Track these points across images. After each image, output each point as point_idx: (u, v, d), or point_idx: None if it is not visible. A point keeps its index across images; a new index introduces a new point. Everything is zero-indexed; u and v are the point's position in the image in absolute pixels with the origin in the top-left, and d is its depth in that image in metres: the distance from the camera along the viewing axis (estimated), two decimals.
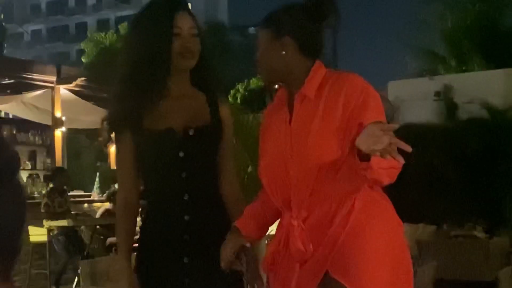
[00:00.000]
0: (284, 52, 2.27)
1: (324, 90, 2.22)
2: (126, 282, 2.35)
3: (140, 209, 2.51)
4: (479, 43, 14.94)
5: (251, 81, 23.04)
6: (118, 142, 2.45)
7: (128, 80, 2.40)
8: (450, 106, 11.95)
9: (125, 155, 2.43)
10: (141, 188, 2.48)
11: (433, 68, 15.65)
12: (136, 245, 2.49)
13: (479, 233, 8.53)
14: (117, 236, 2.47)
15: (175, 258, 2.34)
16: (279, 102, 2.37)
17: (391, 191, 2.28)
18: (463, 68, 15.26)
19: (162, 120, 2.38)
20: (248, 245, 2.31)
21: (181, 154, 2.35)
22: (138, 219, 2.50)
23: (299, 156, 2.20)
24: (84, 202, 11.70)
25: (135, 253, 2.48)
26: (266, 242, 3.68)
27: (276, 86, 2.44)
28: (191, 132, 2.36)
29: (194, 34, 2.39)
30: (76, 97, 11.82)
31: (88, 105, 11.75)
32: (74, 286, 7.85)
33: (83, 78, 12.05)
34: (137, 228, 2.51)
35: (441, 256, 7.05)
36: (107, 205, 10.44)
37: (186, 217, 2.34)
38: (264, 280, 2.32)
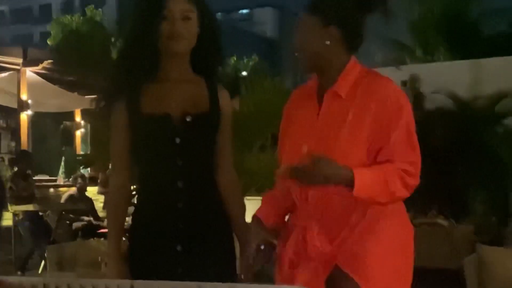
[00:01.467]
0: (328, 42, 2.19)
1: (357, 92, 2.16)
2: (115, 267, 2.32)
3: (132, 194, 2.49)
4: (445, 34, 15.09)
5: None
6: (113, 125, 2.40)
7: (120, 59, 2.41)
8: (416, 96, 12.06)
9: (120, 138, 2.38)
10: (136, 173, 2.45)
11: (400, 58, 15.77)
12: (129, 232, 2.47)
13: (443, 221, 8.66)
14: (108, 220, 2.44)
15: (168, 246, 2.31)
16: (309, 91, 2.29)
17: None
18: (430, 58, 15.41)
19: (159, 105, 2.33)
20: (275, 241, 2.26)
21: (177, 140, 2.31)
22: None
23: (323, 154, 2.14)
24: (49, 186, 11.58)
25: (126, 239, 2.47)
26: None
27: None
28: (188, 119, 2.32)
29: (187, 17, 2.33)
30: (43, 80, 11.66)
31: (55, 88, 11.60)
32: (40, 271, 7.78)
33: (50, 61, 11.89)
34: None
35: None
36: (73, 189, 10.34)
37: (179, 205, 2.31)
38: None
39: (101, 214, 10.74)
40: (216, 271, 2.23)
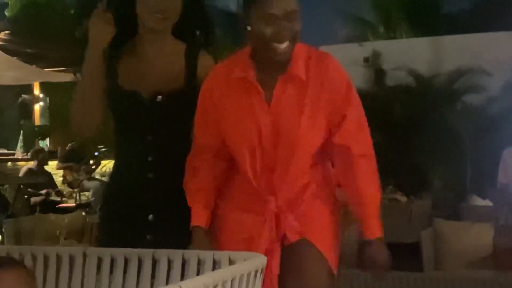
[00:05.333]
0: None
1: (308, 72, 2.13)
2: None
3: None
4: (407, 11, 15.20)
5: None
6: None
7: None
8: (378, 73, 12.16)
9: (98, 82, 2.30)
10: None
11: (363, 35, 15.84)
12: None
13: (401, 197, 8.78)
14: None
15: (139, 215, 2.28)
16: (245, 78, 2.16)
17: None
18: (392, 35, 15.52)
19: (134, 81, 2.29)
20: None
21: (147, 119, 2.28)
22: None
23: (287, 141, 2.13)
24: (7, 160, 11.41)
25: (100, 207, 2.44)
26: None
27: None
28: (158, 99, 2.27)
29: None
30: (0, 51, 11.42)
31: (13, 60, 11.37)
32: None
33: (7, 32, 11.65)
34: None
35: None
36: (31, 163, 10.21)
37: (150, 175, 2.28)
38: None
39: (60, 188, 10.64)
40: (185, 239, 2.19)
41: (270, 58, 2.12)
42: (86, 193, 10.69)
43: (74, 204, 9.85)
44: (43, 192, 9.40)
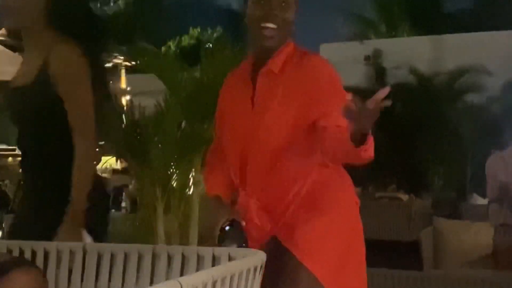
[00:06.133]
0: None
1: (288, 68, 2.15)
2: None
3: None
4: (408, 9, 15.20)
5: (182, 38, 22.77)
6: None
7: None
8: (378, 71, 12.16)
9: None
10: None
11: (364, 33, 15.84)
12: None
13: (402, 195, 8.79)
14: None
15: None
16: (243, 73, 2.25)
17: None
18: (393, 34, 15.51)
19: (9, 71, 2.41)
20: (240, 220, 2.17)
21: (10, 108, 2.34)
22: None
23: (256, 134, 2.13)
24: (8, 156, 11.41)
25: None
26: None
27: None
28: (14, 89, 2.31)
29: None
30: (1, 46, 11.42)
31: (14, 55, 11.37)
32: None
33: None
34: None
35: (365, 216, 7.20)
36: None
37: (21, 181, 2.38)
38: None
39: None
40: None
41: (261, 48, 2.17)
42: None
43: None
44: None
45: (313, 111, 2.07)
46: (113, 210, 9.68)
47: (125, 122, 4.10)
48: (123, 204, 10.78)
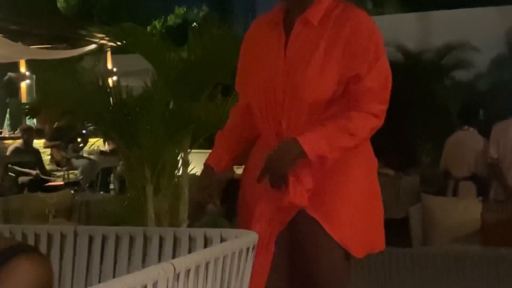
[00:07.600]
0: None
1: (329, 20, 2.10)
2: None
3: None
4: None
5: (168, 17, 22.58)
6: None
7: None
8: None
9: None
10: None
11: None
12: None
13: (390, 172, 8.80)
14: None
15: None
16: (274, 19, 2.18)
17: None
18: (380, 11, 15.46)
19: None
20: (215, 200, 2.23)
21: None
22: None
23: (294, 86, 2.09)
24: None
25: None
26: None
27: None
28: None
29: None
30: None
31: None
32: None
33: None
34: None
35: None
36: (19, 142, 10.14)
37: None
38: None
39: (48, 167, 10.58)
40: None
41: None
42: (75, 171, 10.64)
43: (62, 183, 9.81)
44: (34, 172, 9.33)
45: (351, 69, 2.07)
46: (101, 192, 9.67)
47: (112, 103, 4.07)
48: (112, 186, 10.78)
